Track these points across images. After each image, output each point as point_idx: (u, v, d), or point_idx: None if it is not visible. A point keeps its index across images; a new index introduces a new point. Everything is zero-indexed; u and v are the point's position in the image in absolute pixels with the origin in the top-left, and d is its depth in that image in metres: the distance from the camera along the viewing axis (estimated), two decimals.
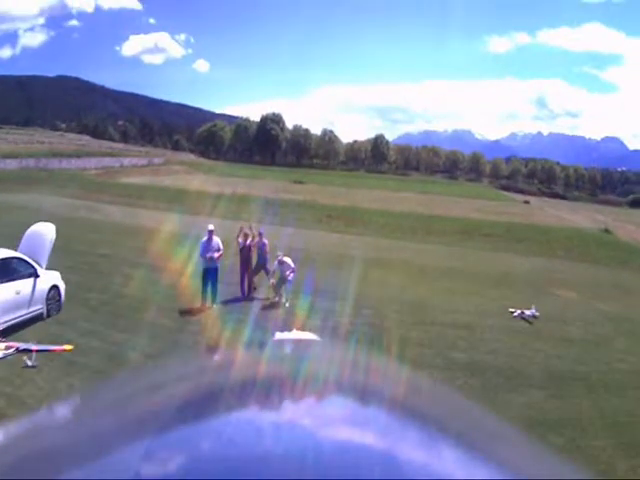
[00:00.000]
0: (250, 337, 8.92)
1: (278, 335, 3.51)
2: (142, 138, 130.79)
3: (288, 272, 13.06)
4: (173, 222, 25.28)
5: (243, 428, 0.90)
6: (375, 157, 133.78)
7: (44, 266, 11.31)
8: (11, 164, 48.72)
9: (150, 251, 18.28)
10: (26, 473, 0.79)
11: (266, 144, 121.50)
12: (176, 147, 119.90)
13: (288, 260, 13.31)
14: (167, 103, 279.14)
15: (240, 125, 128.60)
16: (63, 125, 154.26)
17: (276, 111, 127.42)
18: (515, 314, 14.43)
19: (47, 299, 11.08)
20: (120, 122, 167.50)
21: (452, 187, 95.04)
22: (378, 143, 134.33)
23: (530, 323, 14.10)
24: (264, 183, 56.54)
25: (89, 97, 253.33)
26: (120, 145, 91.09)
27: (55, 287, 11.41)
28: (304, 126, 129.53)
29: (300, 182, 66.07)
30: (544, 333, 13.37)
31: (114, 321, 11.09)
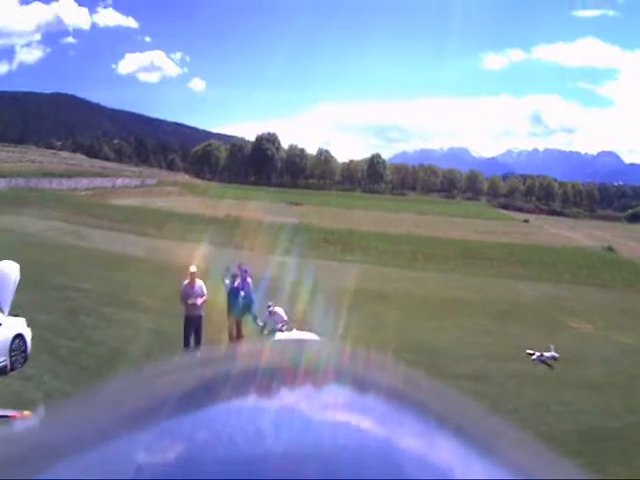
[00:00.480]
0: None
1: (278, 335, 2.96)
2: (137, 157, 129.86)
3: (280, 324, 11.64)
4: (162, 250, 24.15)
5: (243, 425, 0.88)
6: (371, 177, 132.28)
7: (7, 312, 10.02)
8: (0, 183, 47.43)
9: (134, 285, 17.05)
10: (23, 471, 0.80)
11: (261, 164, 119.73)
12: (171, 167, 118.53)
13: (280, 311, 11.96)
14: (163, 122, 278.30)
15: (235, 145, 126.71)
16: (59, 142, 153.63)
17: (272, 130, 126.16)
18: (534, 357, 13.17)
19: (11, 350, 9.79)
20: (116, 140, 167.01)
21: (450, 206, 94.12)
22: (374, 162, 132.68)
23: (550, 367, 12.89)
24: (259, 205, 55.33)
25: (85, 115, 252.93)
26: (114, 165, 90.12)
27: (20, 336, 10.09)
28: (300, 145, 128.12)
29: (296, 203, 65.15)
30: (567, 379, 12.19)
31: (84, 377, 9.68)
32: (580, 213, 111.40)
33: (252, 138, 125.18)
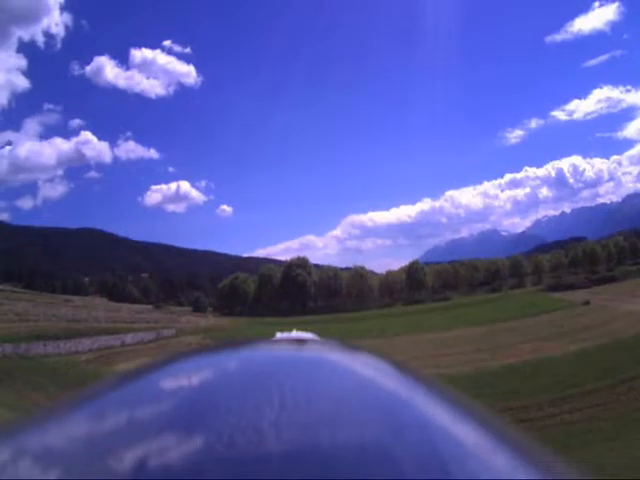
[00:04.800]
0: None
1: (279, 335, 2.64)
2: (163, 293, 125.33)
3: None
4: None
5: (242, 424, 0.85)
6: (411, 286, 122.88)
7: None
8: None
9: None
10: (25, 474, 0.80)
11: (293, 291, 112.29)
12: (197, 305, 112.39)
13: None
14: (194, 251, 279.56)
15: (263, 275, 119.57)
16: (86, 279, 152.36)
17: (302, 247, 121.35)
18: None
19: None
20: (144, 274, 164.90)
21: (500, 304, 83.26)
22: (413, 270, 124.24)
23: None
24: None
25: (113, 249, 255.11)
26: (130, 310, 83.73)
27: None
28: (332, 263, 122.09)
29: None
30: None
31: None
32: (630, 271, 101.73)
33: (283, 258, 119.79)
